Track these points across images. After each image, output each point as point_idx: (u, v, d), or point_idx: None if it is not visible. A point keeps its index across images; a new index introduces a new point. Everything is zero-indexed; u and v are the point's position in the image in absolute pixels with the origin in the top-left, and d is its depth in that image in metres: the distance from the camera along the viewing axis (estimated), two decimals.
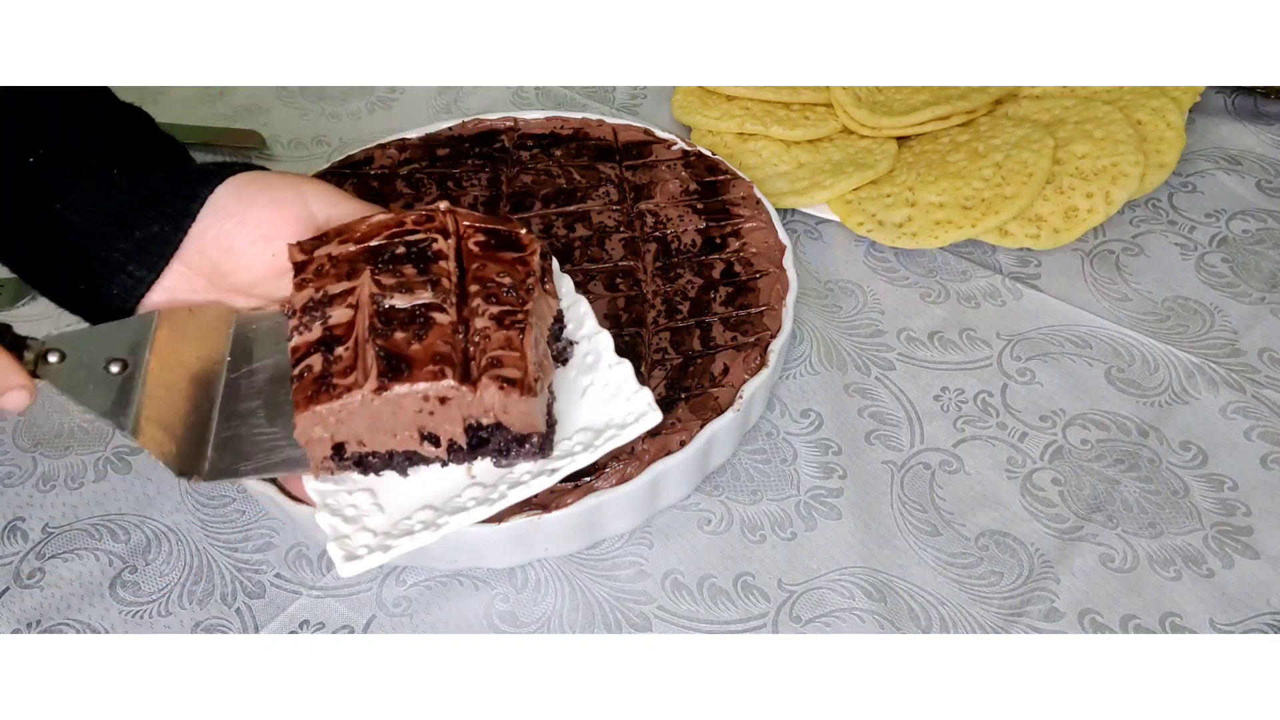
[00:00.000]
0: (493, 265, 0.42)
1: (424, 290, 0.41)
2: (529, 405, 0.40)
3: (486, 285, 0.41)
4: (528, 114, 0.66)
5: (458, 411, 0.40)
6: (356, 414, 0.39)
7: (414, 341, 0.39)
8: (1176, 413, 0.55)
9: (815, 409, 0.56)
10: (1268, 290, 0.61)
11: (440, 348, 0.39)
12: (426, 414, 0.40)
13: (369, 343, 0.39)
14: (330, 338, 0.40)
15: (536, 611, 0.49)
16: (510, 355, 0.39)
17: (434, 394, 0.39)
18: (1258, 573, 0.48)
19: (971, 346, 0.59)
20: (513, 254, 0.43)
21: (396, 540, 0.40)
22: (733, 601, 0.48)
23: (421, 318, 0.40)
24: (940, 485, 0.52)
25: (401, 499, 0.42)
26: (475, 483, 0.42)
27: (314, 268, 0.42)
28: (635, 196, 0.60)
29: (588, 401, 0.45)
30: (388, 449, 0.41)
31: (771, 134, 0.70)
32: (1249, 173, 0.68)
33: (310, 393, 0.39)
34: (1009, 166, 0.64)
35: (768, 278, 0.55)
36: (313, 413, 0.39)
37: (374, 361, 0.39)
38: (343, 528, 0.41)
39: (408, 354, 0.39)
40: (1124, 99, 0.68)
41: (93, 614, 0.49)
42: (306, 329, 0.40)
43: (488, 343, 0.40)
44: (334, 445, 0.40)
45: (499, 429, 0.41)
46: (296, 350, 0.40)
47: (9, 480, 0.55)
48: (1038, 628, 0.47)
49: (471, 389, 0.39)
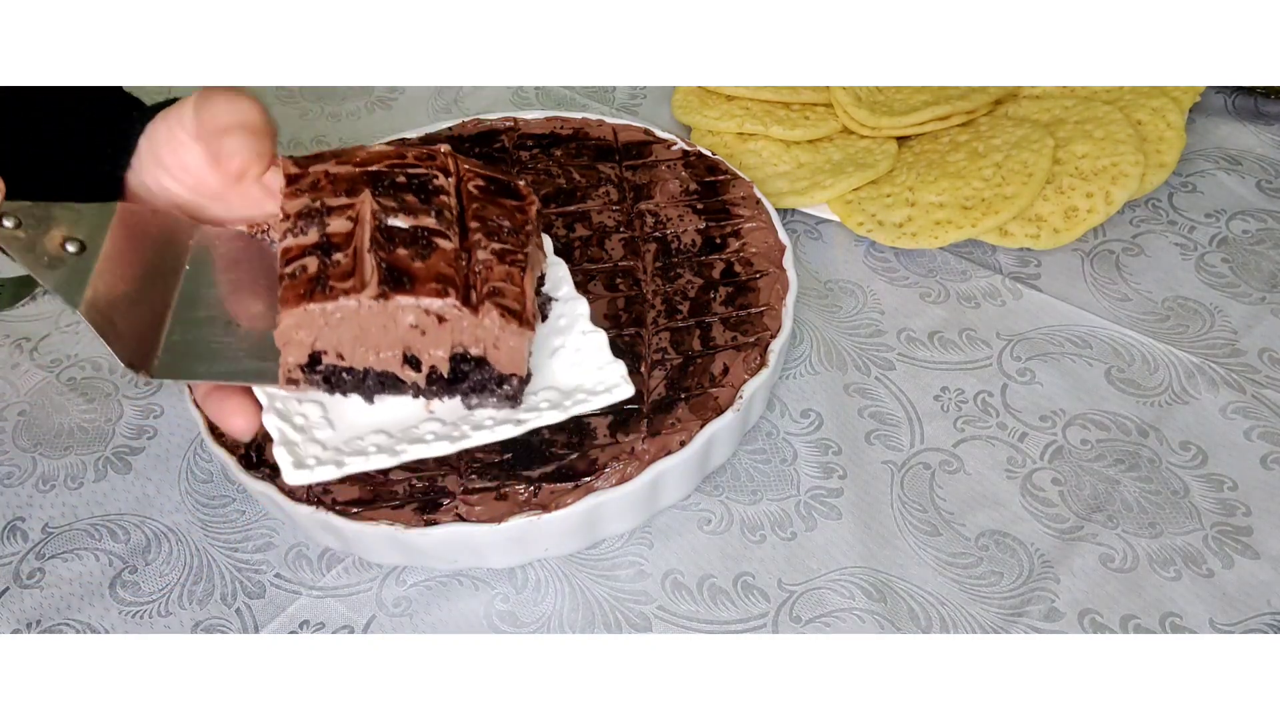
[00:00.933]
0: (492, 208, 0.42)
1: (426, 216, 0.40)
2: (522, 341, 0.39)
3: (486, 224, 0.41)
4: (528, 114, 0.66)
5: (449, 336, 0.39)
6: (348, 320, 0.38)
7: (417, 259, 0.38)
8: (1176, 413, 0.55)
9: (815, 409, 0.56)
10: (1268, 290, 0.61)
11: (443, 269, 0.38)
12: (418, 333, 0.38)
13: (370, 253, 0.38)
14: (328, 244, 0.38)
15: (536, 611, 0.49)
16: (511, 289, 0.39)
17: (434, 310, 0.38)
18: (1258, 573, 0.48)
19: (971, 346, 0.59)
20: (512, 202, 0.43)
21: (350, 458, 0.39)
22: (733, 601, 0.48)
23: (424, 240, 0.39)
24: (940, 485, 0.52)
25: (353, 418, 0.41)
26: (434, 418, 0.41)
27: (309, 181, 0.41)
28: (635, 196, 0.60)
29: (557, 362, 0.44)
30: (365, 366, 0.39)
31: (771, 134, 0.70)
32: (1249, 173, 0.68)
33: (303, 290, 0.37)
34: (1009, 166, 0.64)
35: (768, 278, 0.55)
36: (305, 310, 0.37)
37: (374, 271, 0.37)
38: (291, 434, 0.40)
39: (411, 269, 0.38)
40: (1124, 99, 0.68)
41: (93, 614, 0.49)
42: (302, 233, 0.39)
43: (490, 274, 0.39)
44: (311, 353, 0.39)
45: (483, 364, 0.40)
46: (289, 251, 0.38)
47: (9, 480, 0.55)
48: (1038, 628, 0.47)
49: (473, 311, 0.38)
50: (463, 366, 0.40)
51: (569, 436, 0.48)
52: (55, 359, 0.61)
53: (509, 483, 0.46)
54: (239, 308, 0.42)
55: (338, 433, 0.41)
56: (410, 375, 0.40)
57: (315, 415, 0.41)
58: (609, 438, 0.48)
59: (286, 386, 0.40)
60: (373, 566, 0.51)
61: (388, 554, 0.48)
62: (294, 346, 0.38)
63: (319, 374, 0.39)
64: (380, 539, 0.46)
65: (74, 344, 0.62)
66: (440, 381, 0.40)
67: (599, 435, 0.48)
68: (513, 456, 0.47)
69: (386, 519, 0.45)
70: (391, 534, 0.45)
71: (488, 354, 0.39)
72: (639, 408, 0.49)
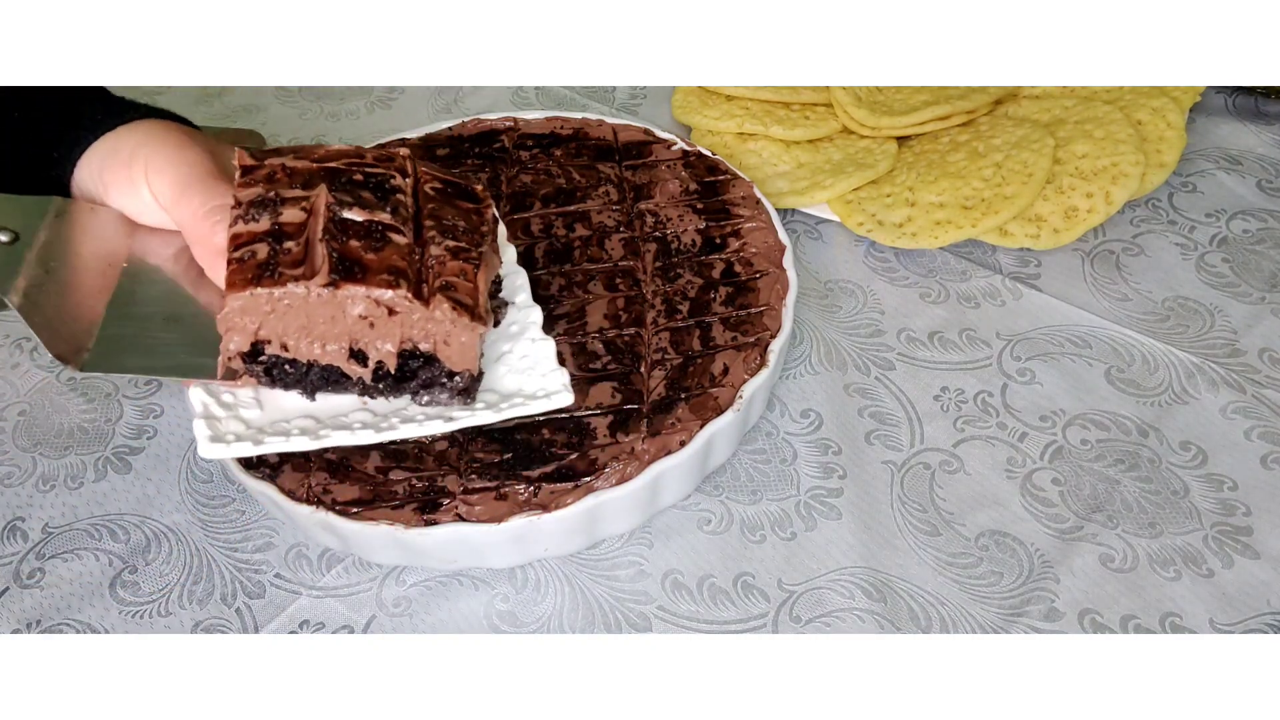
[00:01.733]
0: (448, 209, 0.42)
1: (382, 211, 0.40)
2: (473, 336, 0.39)
3: (441, 222, 0.41)
4: (528, 114, 0.66)
5: (399, 330, 0.38)
6: (296, 309, 0.37)
7: (369, 252, 0.38)
8: (1176, 413, 0.55)
9: (815, 409, 0.56)
10: (1268, 290, 0.61)
11: (396, 262, 0.38)
12: (367, 325, 0.38)
13: (322, 242, 0.37)
14: (280, 232, 0.38)
15: (536, 611, 0.49)
16: (464, 284, 0.39)
17: (385, 301, 0.37)
18: (1258, 573, 0.48)
19: (971, 346, 0.59)
20: (468, 204, 0.43)
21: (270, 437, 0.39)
22: (733, 601, 0.48)
23: (378, 234, 0.39)
24: (940, 485, 0.52)
25: (283, 403, 0.41)
26: (366, 409, 0.41)
27: (265, 174, 0.40)
28: (635, 196, 0.60)
29: (502, 367, 0.44)
30: (310, 359, 0.39)
31: (771, 134, 0.70)
32: (1249, 173, 0.68)
33: (251, 275, 0.37)
34: (1009, 166, 0.64)
35: (768, 278, 0.55)
36: (251, 294, 0.37)
37: (325, 260, 0.37)
38: (215, 409, 0.39)
39: (363, 260, 0.37)
40: (1124, 99, 0.68)
41: (93, 614, 0.49)
42: (254, 220, 0.38)
43: (442, 269, 0.39)
44: (254, 341, 0.38)
45: (432, 361, 0.39)
46: (239, 237, 0.38)
47: (9, 480, 0.55)
48: (1038, 628, 0.47)
49: (424, 304, 0.38)
50: (411, 363, 0.39)
51: (569, 436, 0.48)
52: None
53: (509, 483, 0.46)
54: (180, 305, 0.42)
55: (265, 414, 0.40)
56: (356, 370, 0.39)
57: (245, 396, 0.41)
58: (609, 438, 0.48)
59: (224, 381, 0.40)
60: (373, 566, 0.51)
61: (388, 554, 0.48)
62: (237, 332, 0.38)
63: (260, 364, 0.39)
64: (380, 539, 0.46)
65: None
66: (387, 379, 0.40)
67: (599, 435, 0.48)
68: (513, 456, 0.47)
69: (386, 519, 0.45)
70: (391, 534, 0.45)
71: (438, 350, 0.39)
72: (639, 408, 0.49)
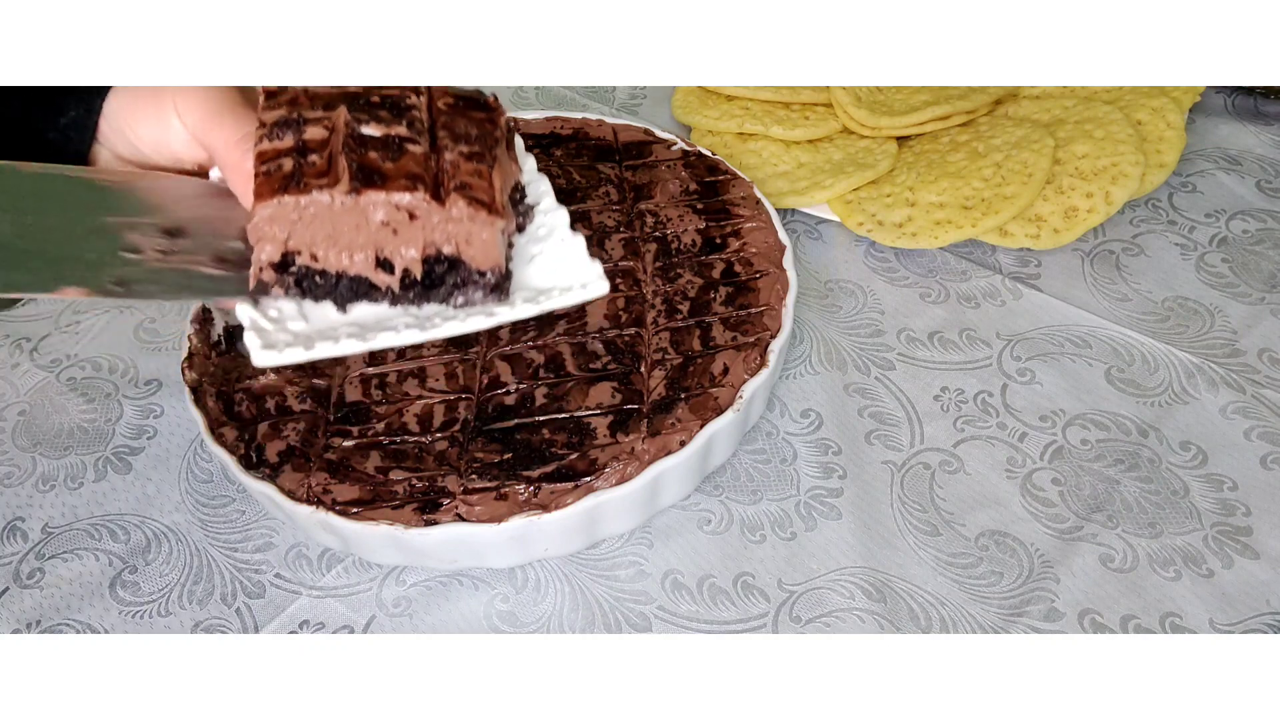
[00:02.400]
0: (461, 119, 0.43)
1: (398, 125, 0.41)
2: (493, 230, 0.40)
3: (454, 131, 0.42)
4: (527, 114, 0.66)
5: (421, 235, 0.40)
6: (322, 216, 0.39)
7: (388, 161, 0.40)
8: (1176, 413, 0.55)
9: (815, 409, 0.56)
10: (1268, 290, 0.61)
11: (413, 168, 0.40)
12: (390, 231, 0.39)
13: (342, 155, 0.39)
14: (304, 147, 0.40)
15: (536, 611, 0.49)
16: (479, 183, 0.40)
17: (404, 205, 0.39)
18: (1258, 573, 0.48)
19: (971, 346, 0.59)
20: (481, 114, 0.44)
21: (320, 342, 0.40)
22: (732, 601, 0.48)
23: (395, 145, 0.40)
24: (940, 485, 0.52)
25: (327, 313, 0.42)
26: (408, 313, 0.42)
27: (288, 97, 0.42)
28: (635, 196, 0.60)
29: (534, 267, 0.45)
30: (339, 269, 0.40)
31: (771, 134, 0.70)
32: (1249, 173, 0.68)
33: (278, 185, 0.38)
34: (1009, 166, 0.64)
35: (768, 278, 0.55)
36: (279, 202, 0.38)
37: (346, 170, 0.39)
38: (263, 323, 0.40)
39: (382, 168, 0.39)
40: (1124, 99, 0.68)
41: (93, 614, 0.49)
42: (278, 138, 0.40)
43: (457, 171, 0.40)
44: (284, 252, 0.40)
45: (457, 264, 0.41)
46: (264, 154, 0.40)
47: (9, 480, 0.55)
48: (1038, 628, 0.47)
49: (440, 206, 0.39)
50: (437, 268, 0.41)
51: (569, 436, 0.48)
52: (55, 359, 0.61)
53: (509, 483, 0.46)
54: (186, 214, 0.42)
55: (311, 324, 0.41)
56: (384, 279, 0.41)
57: (290, 310, 0.41)
58: (609, 438, 0.48)
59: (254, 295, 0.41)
60: (373, 566, 0.51)
61: (388, 554, 0.48)
62: (268, 242, 0.39)
63: (291, 274, 0.40)
64: (380, 539, 0.46)
65: (74, 344, 0.62)
66: (415, 286, 0.41)
67: (599, 435, 0.48)
68: (513, 456, 0.47)
69: (386, 519, 0.45)
70: (391, 534, 0.45)
71: (461, 251, 0.40)
72: (639, 408, 0.49)
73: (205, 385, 0.51)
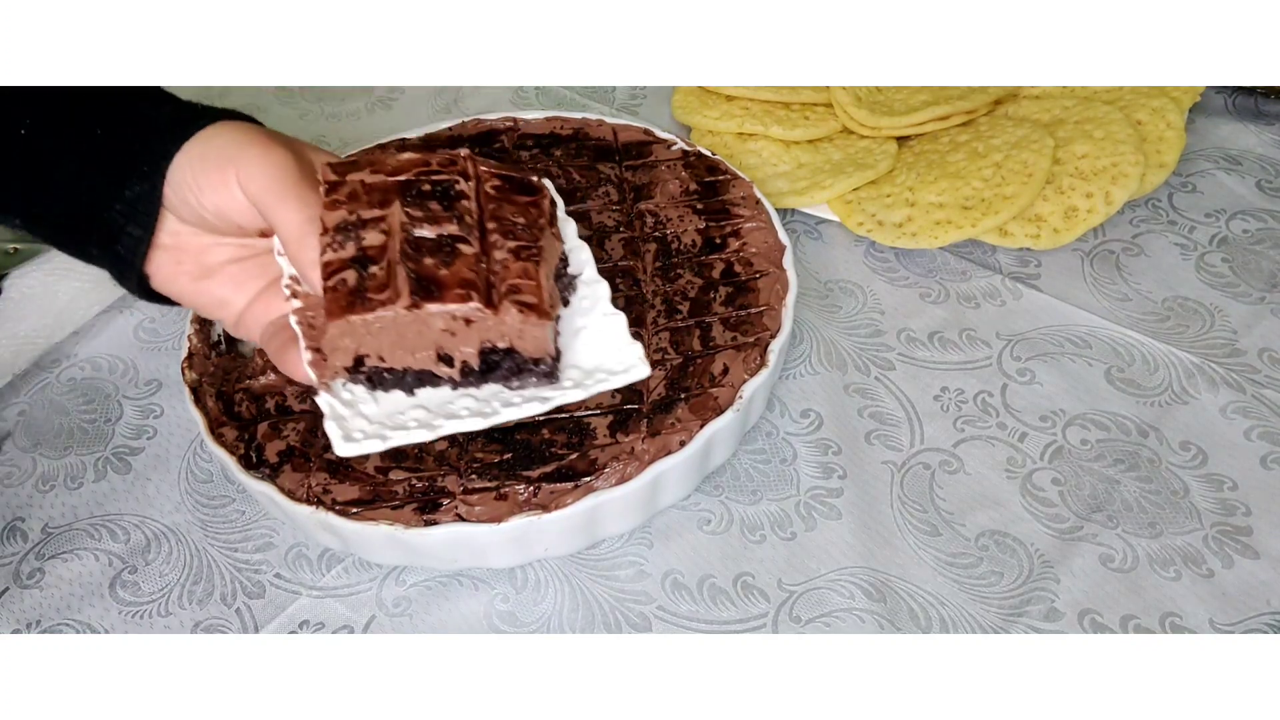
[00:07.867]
0: (508, 206, 0.45)
1: (450, 223, 0.44)
2: (543, 329, 0.42)
3: (503, 223, 0.45)
4: (528, 114, 0.66)
5: (477, 334, 0.42)
6: (386, 328, 0.41)
7: (442, 267, 0.42)
8: (1176, 413, 0.55)
9: (815, 409, 0.56)
10: (1268, 290, 0.61)
11: (466, 274, 0.42)
12: (448, 335, 0.42)
13: (400, 264, 0.42)
14: (364, 257, 0.42)
15: (536, 611, 0.49)
16: (528, 284, 0.43)
17: (460, 314, 0.41)
18: (1258, 573, 0.48)
19: (971, 346, 0.59)
20: (525, 198, 0.46)
21: (393, 432, 0.43)
22: (732, 601, 0.48)
23: (448, 247, 0.43)
24: (940, 485, 0.52)
25: (395, 396, 0.45)
26: (468, 395, 0.45)
27: (347, 191, 0.44)
28: (635, 196, 0.60)
29: (581, 343, 0.47)
30: (404, 366, 0.43)
31: (771, 134, 0.70)
32: (1249, 173, 0.68)
33: (345, 303, 0.41)
34: (1009, 166, 0.64)
35: (768, 278, 0.55)
36: (347, 321, 0.41)
37: (405, 281, 0.41)
38: (340, 409, 0.43)
39: (437, 277, 0.42)
40: (1124, 99, 0.68)
41: (93, 614, 0.49)
42: (340, 247, 0.42)
43: (507, 272, 0.43)
44: (355, 356, 0.43)
45: (511, 353, 0.43)
46: (330, 265, 0.42)
47: (9, 480, 0.55)
48: (1038, 628, 0.47)
49: (494, 312, 0.41)
50: (492, 357, 0.43)
51: (569, 437, 0.48)
52: (55, 359, 0.61)
53: (509, 483, 0.46)
54: None
55: (380, 407, 0.44)
56: (445, 371, 0.44)
57: (361, 392, 0.45)
58: (609, 438, 0.48)
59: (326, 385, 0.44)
60: (373, 566, 0.51)
61: (388, 554, 0.48)
62: (340, 353, 0.42)
63: (363, 374, 0.43)
64: (380, 539, 0.46)
65: (74, 344, 0.62)
66: (473, 374, 0.44)
67: (599, 435, 0.48)
68: (513, 456, 0.47)
69: (386, 519, 0.45)
70: (391, 534, 0.45)
71: (514, 344, 0.43)
72: (639, 408, 0.49)
73: (205, 385, 0.51)
